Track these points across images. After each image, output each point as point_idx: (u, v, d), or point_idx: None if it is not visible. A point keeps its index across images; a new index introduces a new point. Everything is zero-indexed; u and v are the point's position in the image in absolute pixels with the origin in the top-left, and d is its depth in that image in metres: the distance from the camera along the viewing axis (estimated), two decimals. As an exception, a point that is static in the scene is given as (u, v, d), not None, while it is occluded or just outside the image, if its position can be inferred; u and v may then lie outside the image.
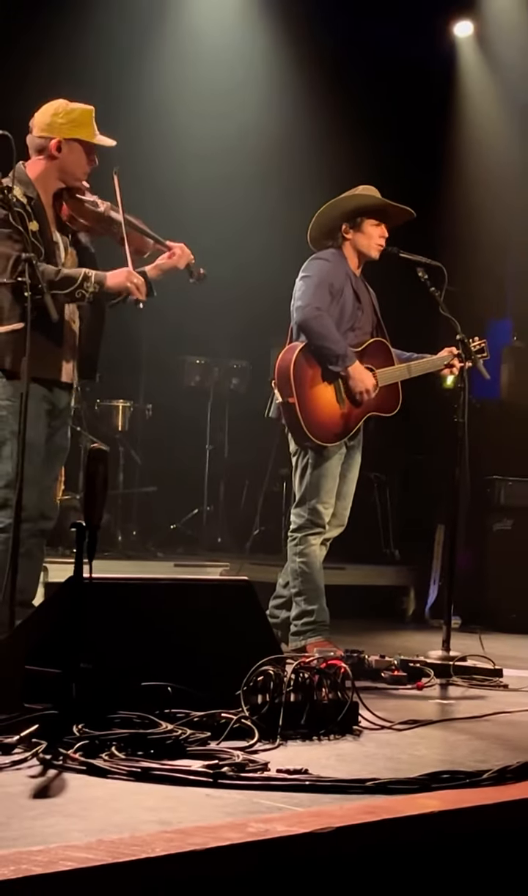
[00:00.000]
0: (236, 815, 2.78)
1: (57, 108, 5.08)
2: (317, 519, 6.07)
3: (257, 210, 9.33)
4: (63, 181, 5.08)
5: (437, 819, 2.86)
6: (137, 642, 3.92)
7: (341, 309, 6.10)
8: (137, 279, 4.97)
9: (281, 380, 6.02)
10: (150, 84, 9.09)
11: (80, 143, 5.06)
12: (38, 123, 5.08)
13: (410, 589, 8.76)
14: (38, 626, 3.90)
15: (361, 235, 6.20)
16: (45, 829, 2.59)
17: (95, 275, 4.92)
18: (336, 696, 3.92)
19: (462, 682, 5.35)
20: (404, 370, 6.26)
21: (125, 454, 8.85)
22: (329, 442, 6.02)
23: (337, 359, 5.97)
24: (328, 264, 6.12)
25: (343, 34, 9.80)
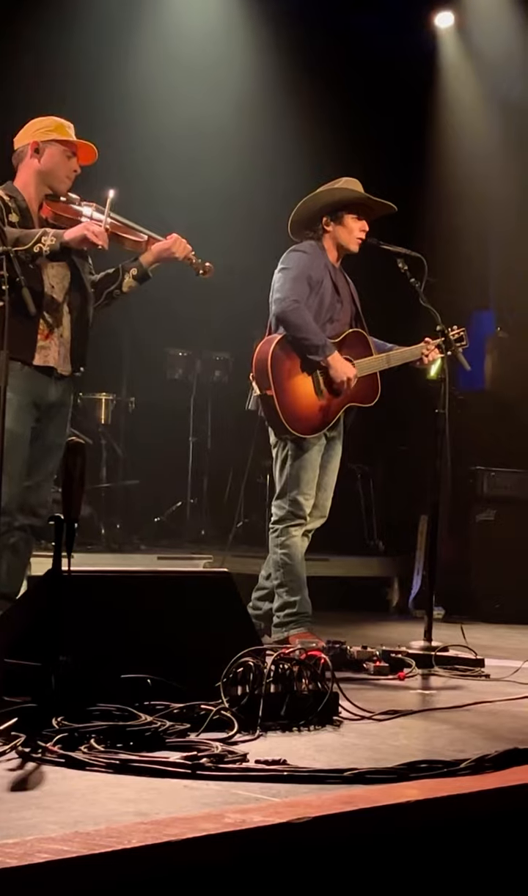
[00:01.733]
0: (214, 806, 2.78)
1: (34, 122, 5.17)
2: (298, 510, 6.07)
3: (239, 202, 9.33)
4: (49, 185, 5.10)
5: (414, 808, 2.87)
6: (117, 635, 3.93)
7: (320, 301, 6.10)
8: (96, 228, 4.93)
9: (259, 372, 6.02)
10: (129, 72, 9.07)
11: (58, 143, 5.09)
12: (17, 139, 5.16)
13: (393, 580, 8.78)
14: (18, 620, 3.90)
15: (341, 228, 6.19)
16: (20, 822, 2.59)
17: (53, 231, 4.89)
18: (316, 686, 3.93)
19: (444, 672, 5.36)
20: (383, 360, 6.26)
21: (108, 447, 8.85)
22: (308, 434, 6.02)
23: (316, 349, 5.97)
24: (307, 256, 6.12)
25: (324, 25, 9.79)
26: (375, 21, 9.78)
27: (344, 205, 6.17)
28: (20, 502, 4.99)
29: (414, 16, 10.14)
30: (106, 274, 5.27)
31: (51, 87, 8.13)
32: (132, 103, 8.91)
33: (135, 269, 5.27)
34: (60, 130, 5.13)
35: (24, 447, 4.97)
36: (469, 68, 10.27)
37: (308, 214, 6.20)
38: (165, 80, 9.22)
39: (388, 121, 9.91)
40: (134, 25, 9.22)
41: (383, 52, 9.82)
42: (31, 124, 5.16)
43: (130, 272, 5.27)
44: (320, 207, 6.18)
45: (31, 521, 5.11)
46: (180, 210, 8.90)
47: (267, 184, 9.13)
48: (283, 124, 9.66)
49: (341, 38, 9.85)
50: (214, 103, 9.43)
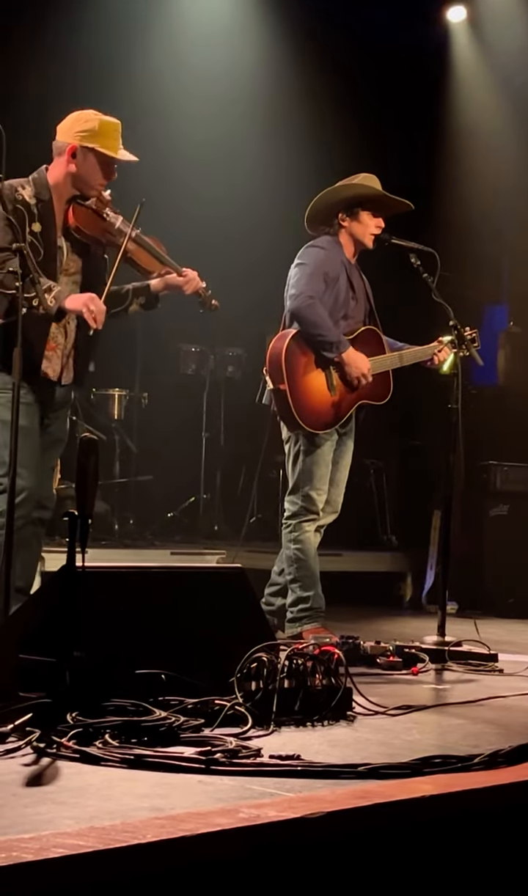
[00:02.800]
0: (228, 801, 2.79)
1: (79, 116, 5.08)
2: (311, 506, 6.08)
3: (253, 197, 9.33)
4: (77, 189, 5.07)
5: (428, 803, 2.87)
6: (131, 630, 3.93)
7: (336, 297, 6.10)
8: (96, 307, 4.88)
9: (272, 367, 6.03)
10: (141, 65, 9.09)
11: (96, 154, 5.03)
12: (59, 128, 5.10)
13: (407, 575, 8.78)
14: (32, 615, 3.91)
15: (356, 224, 6.19)
16: (36, 817, 2.60)
17: (57, 291, 4.83)
18: (330, 682, 3.94)
19: (457, 667, 5.36)
20: (396, 358, 6.27)
21: (121, 443, 8.86)
22: (320, 429, 6.03)
23: (331, 346, 5.97)
24: (324, 252, 6.12)
25: (337, 19, 9.78)
26: (387, 15, 9.77)
27: (360, 201, 6.17)
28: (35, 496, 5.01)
29: (426, 10, 10.13)
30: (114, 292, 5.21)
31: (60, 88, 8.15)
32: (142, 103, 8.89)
33: (143, 297, 5.28)
34: (104, 137, 5.03)
35: (36, 440, 5.00)
36: (482, 62, 10.25)
37: (325, 209, 6.20)
38: (176, 80, 9.24)
39: (401, 115, 9.91)
40: (143, 25, 9.23)
41: (395, 47, 9.81)
42: (77, 119, 5.07)
43: (138, 300, 5.28)
44: (336, 202, 6.18)
45: (41, 514, 5.13)
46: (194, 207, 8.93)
47: (281, 178, 9.12)
48: (295, 119, 9.67)
49: (353, 33, 9.83)
50: (228, 98, 9.43)
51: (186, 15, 9.46)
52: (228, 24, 9.63)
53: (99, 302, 4.92)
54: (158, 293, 5.30)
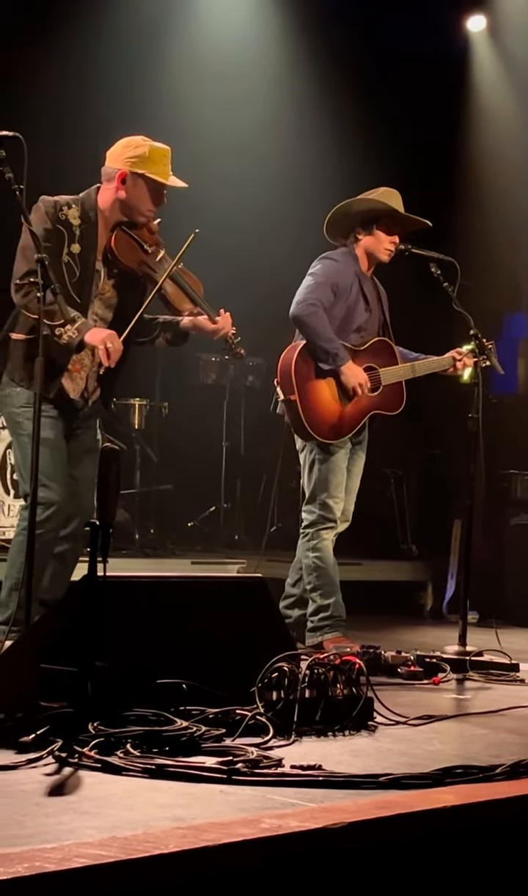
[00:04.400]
0: (250, 812, 2.80)
1: (130, 142, 5.11)
2: (328, 513, 6.10)
3: (272, 208, 9.34)
4: (126, 215, 5.10)
5: (450, 814, 2.87)
6: (152, 640, 3.94)
7: (348, 309, 6.13)
8: (113, 346, 4.89)
9: (283, 377, 6.07)
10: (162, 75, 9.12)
11: (146, 180, 5.06)
12: (110, 154, 5.12)
13: (427, 584, 8.76)
14: (54, 625, 3.92)
15: (372, 239, 6.21)
16: (58, 827, 2.61)
17: (80, 324, 4.82)
18: (351, 691, 3.94)
19: (479, 677, 5.35)
20: (409, 369, 6.27)
21: (142, 452, 8.87)
22: (332, 439, 6.05)
23: (329, 357, 6.00)
24: (336, 264, 6.15)
25: (356, 28, 9.79)
26: (407, 25, 9.77)
27: (376, 216, 6.18)
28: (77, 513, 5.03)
29: (446, 20, 10.13)
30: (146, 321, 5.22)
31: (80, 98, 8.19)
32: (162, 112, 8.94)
33: (171, 332, 5.29)
34: (154, 164, 5.06)
35: (63, 453, 5.02)
36: (502, 71, 10.24)
37: (343, 221, 6.22)
38: (197, 88, 9.26)
39: (420, 124, 9.91)
40: (163, 35, 9.26)
41: (415, 56, 9.80)
42: (127, 145, 5.09)
43: (165, 334, 5.29)
44: (354, 215, 6.19)
45: (79, 529, 5.12)
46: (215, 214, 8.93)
47: (301, 188, 9.14)
48: (315, 128, 9.68)
49: (372, 43, 9.84)
50: (250, 106, 9.45)
51: (205, 26, 9.48)
52: (247, 33, 9.65)
53: (117, 341, 4.93)
54: (187, 331, 5.29)
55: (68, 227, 4.94)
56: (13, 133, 4.45)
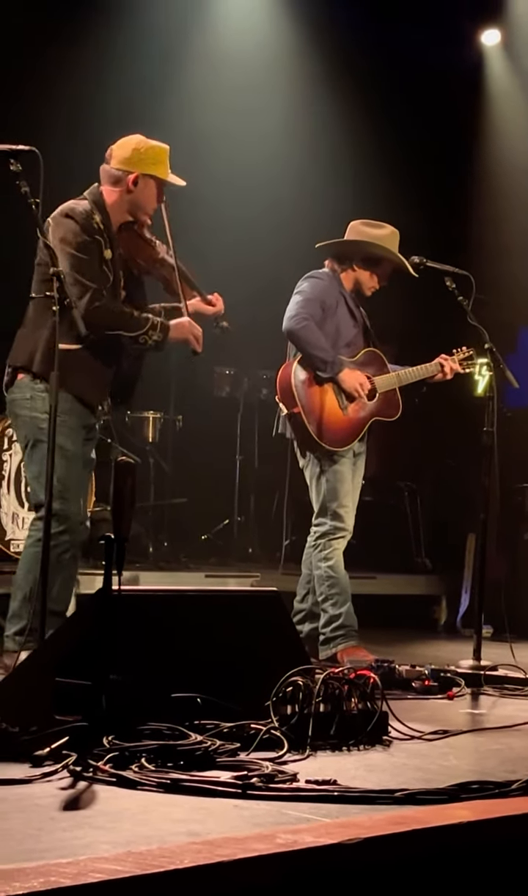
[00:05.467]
0: (265, 826, 2.79)
1: (137, 144, 5.21)
2: (340, 523, 6.15)
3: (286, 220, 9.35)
4: (132, 215, 5.21)
5: (466, 829, 2.85)
6: (167, 654, 3.94)
7: (337, 326, 6.26)
8: (197, 330, 5.15)
9: (283, 393, 6.18)
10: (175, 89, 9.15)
11: (155, 181, 5.19)
12: (117, 156, 5.20)
13: (441, 598, 8.74)
14: (68, 638, 3.92)
15: (366, 275, 6.37)
16: (74, 842, 2.60)
17: (161, 324, 5.06)
18: (366, 706, 3.93)
19: (493, 691, 5.33)
20: (395, 378, 6.41)
21: (156, 465, 8.87)
22: (339, 447, 6.15)
23: (326, 365, 6.11)
24: (321, 282, 6.30)
25: (371, 42, 9.81)
26: (421, 39, 9.79)
27: (379, 263, 6.32)
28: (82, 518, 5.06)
29: (461, 33, 10.15)
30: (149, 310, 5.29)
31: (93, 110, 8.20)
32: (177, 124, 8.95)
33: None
34: (161, 164, 5.20)
35: (79, 465, 5.05)
36: (516, 85, 10.25)
37: (344, 251, 6.35)
38: (211, 101, 9.28)
39: (435, 138, 9.93)
40: (179, 47, 9.29)
41: (430, 69, 9.83)
42: (135, 147, 5.19)
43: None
44: (357, 251, 6.32)
45: (82, 536, 5.17)
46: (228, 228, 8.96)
47: (314, 202, 9.14)
48: (329, 142, 9.69)
49: (387, 56, 9.86)
50: (261, 121, 9.47)
51: (220, 38, 9.51)
52: (261, 48, 9.66)
53: (196, 326, 5.18)
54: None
55: (102, 234, 5.04)
56: (29, 147, 4.47)
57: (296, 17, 9.67)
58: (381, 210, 6.75)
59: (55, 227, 5.00)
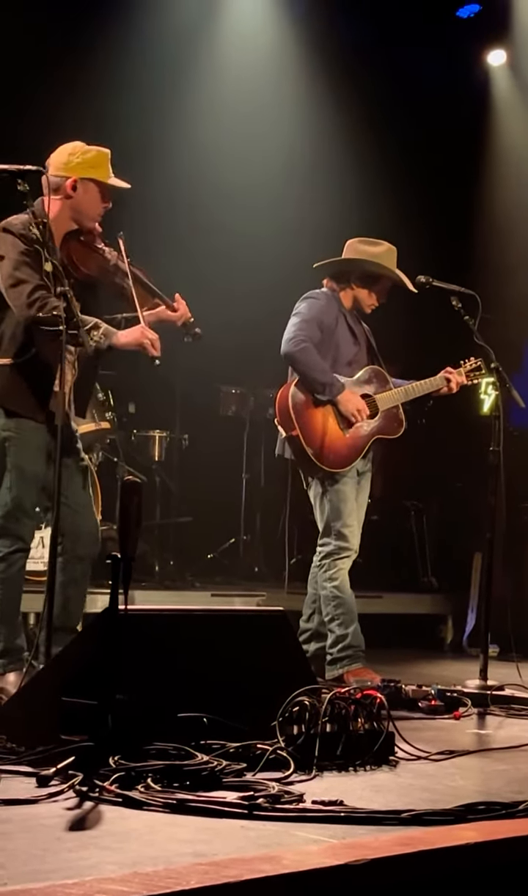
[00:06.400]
0: (271, 847, 2.78)
1: (73, 149, 5.11)
2: (344, 542, 6.13)
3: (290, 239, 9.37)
4: (76, 222, 5.10)
5: (473, 850, 2.84)
6: (173, 673, 3.93)
7: (337, 345, 6.26)
8: (152, 335, 4.96)
9: (282, 415, 6.17)
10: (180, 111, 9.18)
11: (95, 184, 5.08)
12: (54, 163, 5.08)
13: (447, 617, 8.73)
14: (74, 658, 3.91)
15: (364, 292, 6.38)
16: (80, 862, 2.60)
17: (105, 328, 4.91)
18: (372, 726, 3.92)
19: (500, 711, 5.31)
20: (401, 393, 6.37)
21: (162, 484, 8.88)
22: (339, 468, 6.13)
23: (323, 388, 6.10)
24: (319, 302, 6.29)
25: (377, 63, 9.85)
26: (428, 59, 9.84)
27: (377, 280, 6.33)
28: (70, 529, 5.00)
29: (467, 54, 10.19)
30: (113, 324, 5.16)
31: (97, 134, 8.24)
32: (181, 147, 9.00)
33: None
34: (100, 167, 5.09)
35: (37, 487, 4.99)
36: (521, 104, 10.28)
37: (342, 269, 6.36)
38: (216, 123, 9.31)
39: (441, 157, 9.96)
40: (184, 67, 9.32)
41: (436, 90, 9.87)
42: (71, 153, 5.08)
43: None
44: (354, 269, 6.34)
45: (87, 551, 5.11)
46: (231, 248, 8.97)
47: (319, 224, 9.16)
48: (333, 162, 9.72)
49: (394, 76, 9.90)
50: (269, 140, 9.50)
51: (226, 60, 9.54)
52: (268, 67, 9.70)
53: (150, 331, 4.97)
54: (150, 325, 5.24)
55: (41, 245, 4.78)
56: (36, 167, 4.48)
57: (302, 37, 9.71)
58: (386, 229, 6.77)
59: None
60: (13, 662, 4.89)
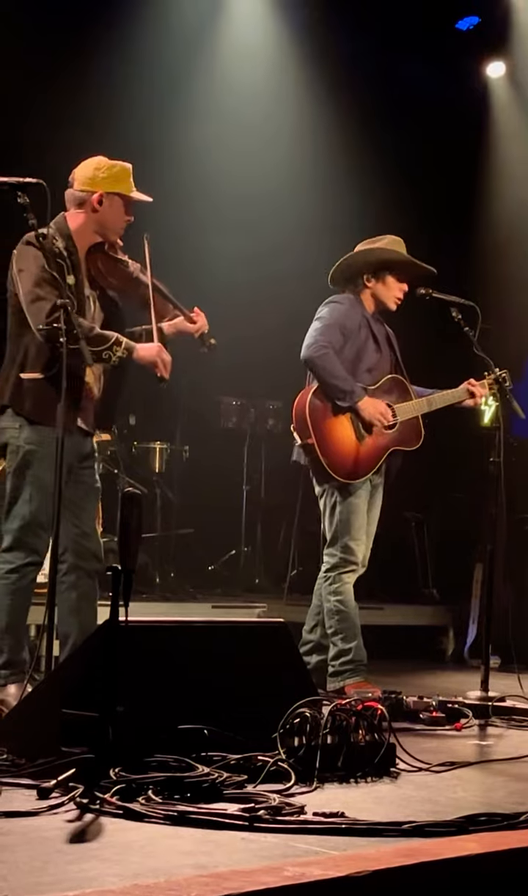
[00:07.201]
0: (272, 859, 2.78)
1: (98, 164, 5.20)
2: (350, 556, 6.09)
3: (292, 250, 9.39)
4: (101, 235, 5.17)
5: (474, 862, 2.84)
6: (173, 685, 3.93)
7: (358, 350, 6.17)
8: (166, 357, 5.06)
9: (298, 423, 6.11)
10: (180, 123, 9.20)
11: (120, 198, 5.16)
12: (79, 177, 5.18)
13: (448, 629, 8.73)
14: (75, 670, 3.91)
15: (382, 287, 6.29)
16: (80, 874, 2.59)
17: (126, 343, 5.00)
18: (373, 737, 3.91)
19: (501, 722, 5.31)
20: (424, 403, 6.30)
21: (163, 496, 8.88)
22: (353, 479, 6.06)
23: (344, 395, 6.04)
24: (342, 307, 6.22)
25: (377, 75, 9.87)
26: (427, 72, 9.87)
27: (388, 265, 6.25)
28: (77, 549, 5.02)
29: (466, 66, 10.21)
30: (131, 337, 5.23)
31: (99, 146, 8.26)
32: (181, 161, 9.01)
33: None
34: (125, 181, 5.18)
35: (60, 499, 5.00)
36: (521, 117, 10.30)
37: (351, 269, 6.30)
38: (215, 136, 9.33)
39: (439, 169, 9.97)
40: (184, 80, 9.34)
41: (435, 102, 9.89)
42: (97, 168, 5.18)
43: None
44: (363, 264, 6.27)
45: (93, 566, 5.12)
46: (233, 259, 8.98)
47: (319, 235, 9.17)
48: (333, 174, 9.73)
49: (393, 89, 9.92)
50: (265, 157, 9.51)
51: (225, 73, 9.56)
52: (267, 81, 9.72)
53: (165, 352, 5.07)
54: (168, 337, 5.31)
55: (64, 259, 4.97)
56: (36, 180, 4.49)
57: (301, 50, 9.72)
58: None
59: (17, 256, 4.97)
60: (15, 674, 4.89)
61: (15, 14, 8.09)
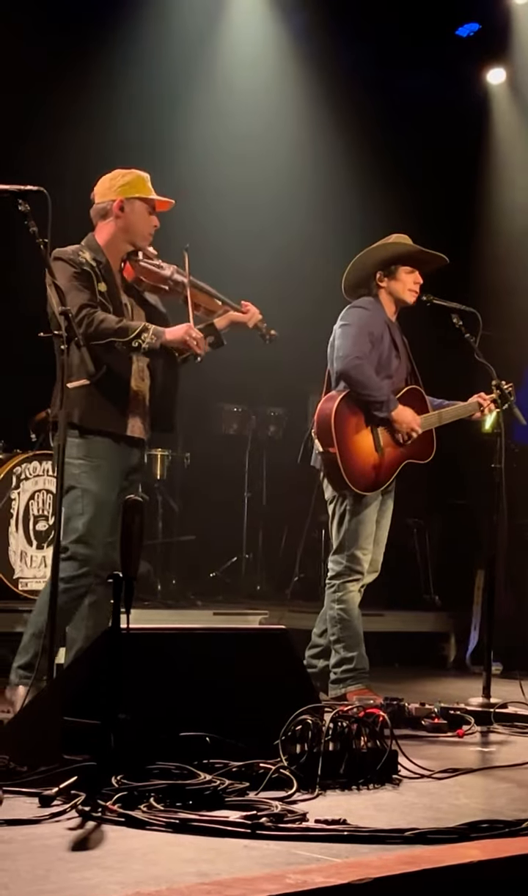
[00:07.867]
0: (274, 867, 2.78)
1: (114, 175, 5.28)
2: (356, 565, 6.06)
3: (294, 257, 9.40)
4: (131, 242, 5.24)
5: (477, 869, 2.84)
6: (175, 692, 3.93)
7: (381, 357, 6.12)
8: (196, 334, 5.10)
9: (321, 429, 6.03)
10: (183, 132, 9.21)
11: (142, 201, 5.22)
12: (98, 192, 5.27)
13: (450, 635, 8.71)
14: (77, 677, 3.91)
15: (395, 282, 6.23)
16: (82, 882, 2.59)
17: (154, 328, 5.04)
18: (375, 744, 3.91)
19: (503, 729, 5.31)
20: (436, 417, 6.27)
21: (164, 503, 8.87)
22: (369, 490, 6.02)
23: (381, 405, 5.99)
24: (367, 312, 6.14)
25: (376, 81, 9.88)
26: (427, 78, 9.87)
27: (397, 259, 6.20)
28: (103, 561, 5.03)
29: (467, 73, 10.21)
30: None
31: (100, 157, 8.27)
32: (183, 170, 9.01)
33: (212, 337, 5.33)
34: (142, 186, 5.24)
35: (111, 511, 5.03)
36: (522, 123, 10.31)
37: (362, 273, 6.24)
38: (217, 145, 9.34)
39: (440, 176, 9.97)
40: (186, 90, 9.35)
41: (435, 109, 9.90)
42: (112, 178, 5.26)
43: (207, 340, 5.32)
44: (372, 264, 6.21)
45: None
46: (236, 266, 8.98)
47: (321, 243, 9.19)
48: (335, 180, 9.73)
49: (394, 95, 9.93)
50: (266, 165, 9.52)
51: (227, 83, 9.56)
52: (267, 88, 9.72)
53: (195, 330, 5.11)
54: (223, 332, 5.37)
55: (92, 268, 5.08)
56: (37, 187, 4.49)
57: (301, 56, 9.73)
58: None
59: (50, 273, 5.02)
60: (27, 678, 4.90)
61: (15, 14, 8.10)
